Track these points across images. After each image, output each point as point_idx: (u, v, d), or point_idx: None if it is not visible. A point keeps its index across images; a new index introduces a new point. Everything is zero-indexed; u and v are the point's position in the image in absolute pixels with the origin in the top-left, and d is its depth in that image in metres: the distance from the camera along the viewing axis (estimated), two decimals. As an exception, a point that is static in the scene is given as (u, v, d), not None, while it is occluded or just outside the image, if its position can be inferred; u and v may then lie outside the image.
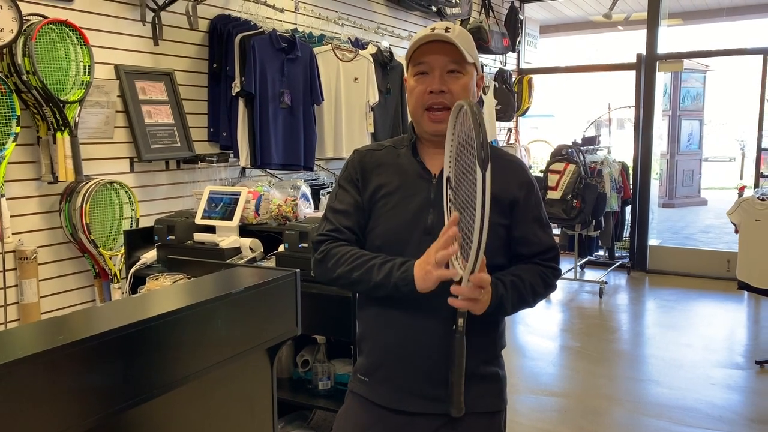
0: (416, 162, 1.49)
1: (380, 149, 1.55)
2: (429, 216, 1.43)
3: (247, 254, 2.74)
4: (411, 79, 1.46)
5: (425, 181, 1.46)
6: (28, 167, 2.74)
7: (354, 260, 1.43)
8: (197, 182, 3.48)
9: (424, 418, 1.43)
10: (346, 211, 1.50)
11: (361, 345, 1.56)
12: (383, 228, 1.47)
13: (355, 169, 1.52)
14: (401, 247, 1.42)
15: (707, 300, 5.74)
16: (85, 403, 1.35)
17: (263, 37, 3.50)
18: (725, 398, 3.61)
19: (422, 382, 1.43)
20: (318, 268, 1.51)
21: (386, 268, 1.38)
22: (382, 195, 1.47)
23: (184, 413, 1.69)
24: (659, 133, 10.34)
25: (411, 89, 1.45)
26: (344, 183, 1.53)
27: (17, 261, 2.69)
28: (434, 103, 1.42)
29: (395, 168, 1.50)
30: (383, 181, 1.49)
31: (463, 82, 1.42)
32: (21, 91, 2.60)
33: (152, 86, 3.24)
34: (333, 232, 1.50)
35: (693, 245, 7.99)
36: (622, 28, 8.23)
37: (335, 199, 1.54)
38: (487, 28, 6.22)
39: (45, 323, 1.62)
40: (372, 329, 1.51)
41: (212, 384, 1.78)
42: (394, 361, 1.45)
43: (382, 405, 1.47)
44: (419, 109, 1.44)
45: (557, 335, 4.83)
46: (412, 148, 1.50)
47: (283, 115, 3.63)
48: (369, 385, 1.50)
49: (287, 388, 2.75)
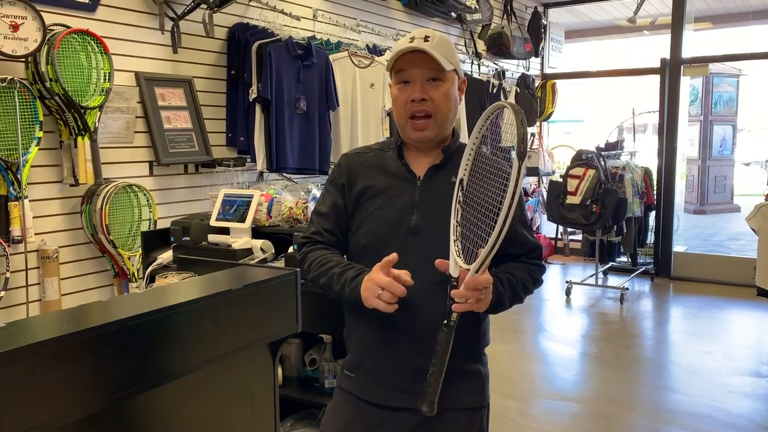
0: (401, 164, 1.54)
1: (368, 152, 1.61)
2: (413, 216, 1.48)
3: (259, 255, 2.82)
4: (394, 88, 1.50)
5: (410, 183, 1.51)
6: (51, 170, 2.87)
7: (320, 266, 1.50)
8: (215, 185, 3.59)
9: (408, 413, 1.47)
10: (327, 214, 1.57)
11: (347, 341, 1.62)
12: (368, 228, 1.52)
13: (341, 173, 1.58)
14: (385, 246, 1.46)
15: (732, 307, 5.65)
16: (85, 390, 1.43)
17: (279, 45, 3.59)
18: (741, 406, 3.56)
19: (408, 379, 1.46)
20: (300, 268, 1.58)
21: (341, 281, 1.45)
22: (368, 196, 1.53)
23: (186, 405, 1.76)
24: (689, 138, 10.20)
25: (395, 98, 1.50)
26: (329, 186, 1.61)
27: (40, 260, 2.82)
28: (416, 111, 1.46)
29: (381, 170, 1.55)
30: (369, 183, 1.54)
31: (443, 89, 1.46)
32: (44, 98, 2.73)
33: (171, 92, 3.35)
34: (314, 235, 1.58)
35: (723, 252, 7.85)
36: (648, 32, 8.15)
37: (320, 202, 1.61)
38: (509, 34, 6.24)
39: (53, 315, 1.72)
40: (357, 326, 1.56)
41: (215, 377, 1.85)
42: (379, 357, 1.50)
43: (367, 400, 1.52)
44: (403, 117, 1.49)
45: (575, 341, 4.80)
46: (398, 151, 1.55)
47: (298, 121, 3.71)
48: (354, 381, 1.55)
49: (296, 386, 2.82)
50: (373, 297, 1.35)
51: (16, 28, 2.58)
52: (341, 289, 1.45)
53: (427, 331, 1.39)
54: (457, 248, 1.35)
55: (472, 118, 5.43)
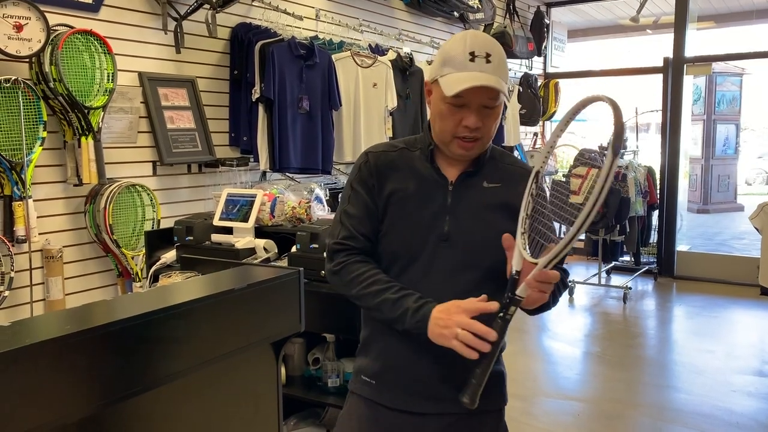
0: (432, 168, 1.46)
1: (393, 150, 1.50)
2: (445, 223, 1.42)
3: (262, 254, 2.83)
4: (442, 105, 1.38)
5: (442, 187, 1.44)
6: (55, 170, 2.88)
7: (367, 284, 1.40)
8: (218, 185, 3.59)
9: (433, 417, 1.44)
10: (361, 216, 1.45)
11: (367, 347, 1.54)
12: (399, 233, 1.44)
13: (370, 171, 1.46)
14: (417, 254, 1.41)
15: (735, 307, 5.64)
16: (89, 390, 1.44)
17: (282, 45, 3.60)
18: (744, 405, 3.56)
19: (435, 385, 1.43)
20: (333, 278, 1.48)
21: (400, 309, 1.35)
22: (397, 198, 1.44)
23: (190, 404, 1.77)
24: (692, 137, 10.17)
25: (443, 115, 1.39)
26: (357, 186, 1.47)
27: (44, 260, 2.83)
28: (468, 137, 1.39)
29: (410, 171, 1.46)
30: (399, 185, 1.45)
31: (495, 114, 1.39)
32: (48, 98, 2.74)
33: (175, 92, 3.36)
34: (348, 240, 1.45)
35: (726, 252, 7.84)
36: (651, 31, 8.14)
37: (348, 202, 1.48)
38: (512, 33, 6.24)
39: (57, 314, 1.72)
40: (381, 332, 1.48)
41: (218, 377, 1.86)
42: (407, 366, 1.44)
43: (389, 406, 1.46)
44: (449, 136, 1.40)
45: (578, 340, 4.80)
46: (429, 155, 1.46)
47: (301, 120, 3.72)
48: (375, 387, 1.49)
49: (300, 385, 2.82)
50: (451, 338, 1.27)
51: (20, 28, 2.59)
52: (400, 319, 1.35)
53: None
54: (524, 241, 1.29)
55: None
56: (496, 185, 1.46)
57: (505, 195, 1.45)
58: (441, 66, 1.38)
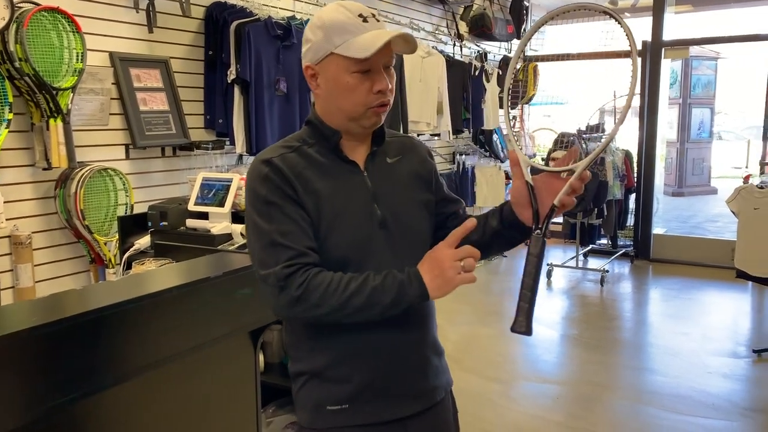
0: (339, 158, 1.36)
1: (290, 150, 1.34)
2: (376, 209, 1.35)
3: (239, 240, 2.77)
4: (347, 77, 1.28)
5: (357, 174, 1.37)
6: (22, 153, 2.78)
7: (346, 287, 1.25)
8: (193, 169, 3.52)
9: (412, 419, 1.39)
10: (295, 230, 1.28)
11: (325, 374, 1.36)
12: (339, 236, 1.32)
13: (282, 178, 1.29)
14: (367, 248, 1.33)
15: (711, 289, 5.72)
16: (62, 381, 1.38)
17: (258, 25, 3.51)
18: (720, 386, 3.61)
19: (413, 379, 1.39)
20: (297, 307, 1.25)
21: (393, 286, 1.25)
22: (323, 197, 1.32)
23: (168, 393, 1.73)
24: (668, 121, 10.25)
25: (350, 88, 1.29)
26: (274, 198, 1.28)
27: (12, 246, 2.74)
28: (382, 102, 1.31)
29: (319, 167, 1.34)
30: (318, 183, 1.32)
31: (391, 74, 1.35)
32: (14, 78, 2.64)
33: (147, 73, 3.26)
34: (297, 258, 1.25)
35: (700, 234, 7.94)
36: (630, 14, 8.14)
37: (271, 222, 1.28)
38: (491, 15, 6.19)
39: (25, 304, 1.66)
40: (348, 353, 1.36)
41: (196, 365, 1.82)
42: (384, 373, 1.36)
43: (369, 423, 1.37)
44: (362, 108, 1.31)
45: (556, 323, 4.83)
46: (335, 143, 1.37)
47: (278, 103, 3.64)
48: (349, 412, 1.36)
49: (278, 372, 2.78)
50: (457, 275, 1.23)
51: (-18, 5, 2.48)
52: (399, 296, 1.25)
53: (412, 316, 1.34)
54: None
55: (455, 100, 5.38)
56: (397, 158, 1.43)
57: (411, 165, 1.43)
58: (329, 38, 1.28)
